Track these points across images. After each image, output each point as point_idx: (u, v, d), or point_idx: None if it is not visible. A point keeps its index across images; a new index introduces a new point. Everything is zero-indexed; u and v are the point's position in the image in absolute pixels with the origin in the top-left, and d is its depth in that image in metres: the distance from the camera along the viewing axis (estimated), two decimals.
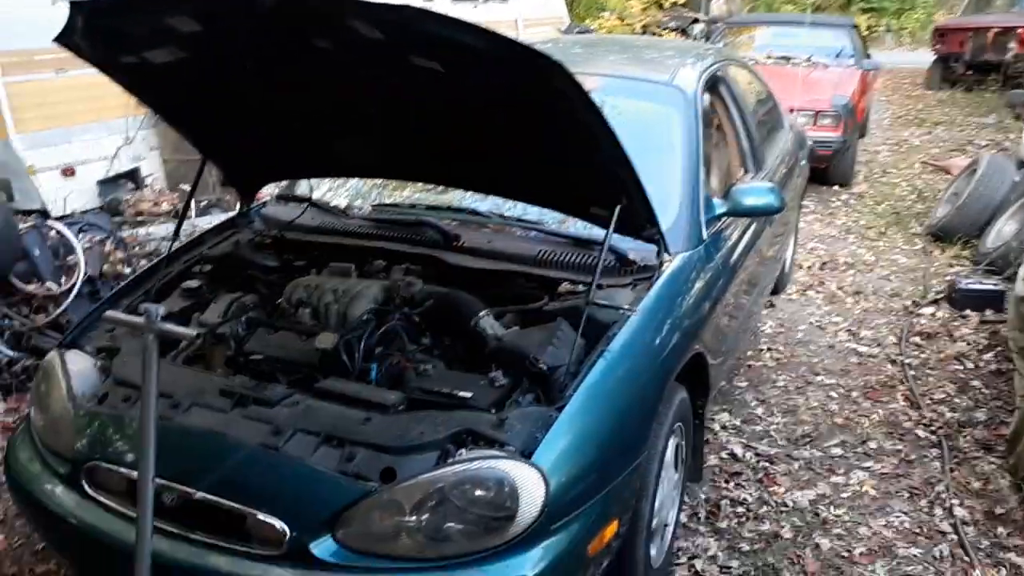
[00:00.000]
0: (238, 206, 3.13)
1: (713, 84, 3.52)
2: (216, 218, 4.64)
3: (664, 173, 2.81)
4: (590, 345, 2.18)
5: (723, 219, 2.99)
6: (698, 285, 2.69)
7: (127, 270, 4.24)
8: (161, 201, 5.34)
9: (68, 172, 5.19)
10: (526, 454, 1.87)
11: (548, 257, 2.54)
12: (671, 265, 2.54)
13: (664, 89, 3.21)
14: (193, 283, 2.69)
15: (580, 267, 2.48)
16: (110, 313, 2.08)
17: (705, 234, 2.80)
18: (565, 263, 2.51)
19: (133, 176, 5.68)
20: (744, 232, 3.26)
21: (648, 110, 3.13)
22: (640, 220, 2.36)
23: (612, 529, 2.10)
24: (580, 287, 2.38)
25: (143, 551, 1.69)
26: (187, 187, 4.01)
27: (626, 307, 2.30)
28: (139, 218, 5.16)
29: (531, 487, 1.83)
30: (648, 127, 3.02)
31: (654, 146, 2.90)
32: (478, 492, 1.84)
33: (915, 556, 2.84)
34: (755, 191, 3.04)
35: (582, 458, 1.98)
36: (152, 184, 5.75)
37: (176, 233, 2.81)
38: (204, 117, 2.61)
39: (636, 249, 2.49)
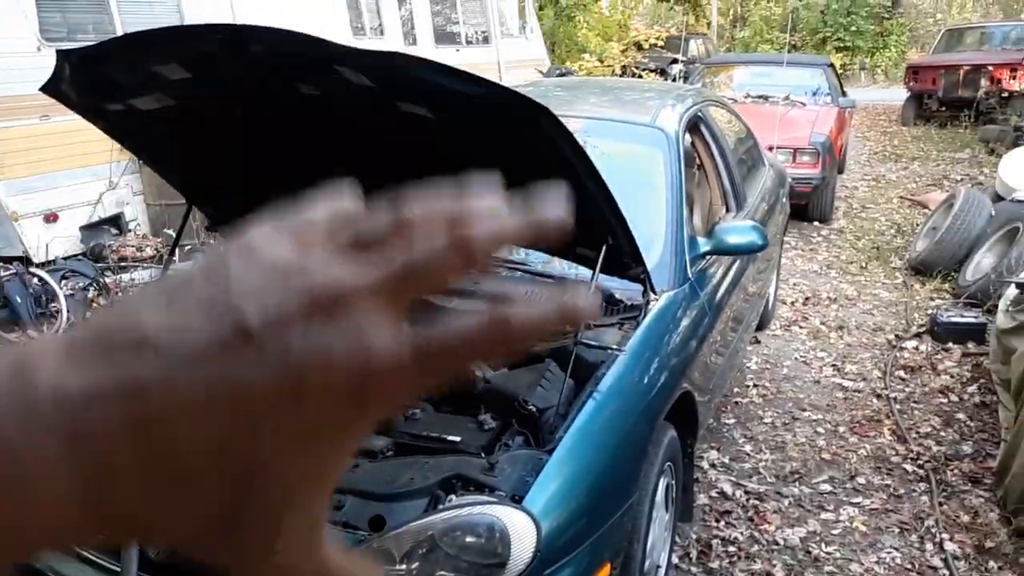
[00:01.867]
0: None
1: (694, 124, 3.57)
2: None
3: (648, 213, 2.84)
4: (578, 385, 2.18)
5: (707, 257, 3.02)
6: (684, 323, 2.70)
7: None
8: (145, 246, 5.33)
9: (51, 218, 5.18)
10: (517, 499, 1.86)
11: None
12: (657, 304, 2.56)
13: (646, 130, 3.25)
14: None
15: None
16: None
17: (690, 273, 2.82)
18: None
19: (117, 221, 5.67)
20: (728, 269, 3.29)
21: (631, 151, 3.17)
22: (626, 260, 2.38)
23: (605, 573, 2.08)
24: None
25: None
26: (171, 232, 4.00)
27: (614, 347, 2.31)
28: (123, 264, 5.13)
29: (522, 532, 1.82)
30: (631, 168, 3.06)
31: (638, 187, 2.94)
32: (469, 539, 1.82)
33: None
34: (738, 229, 3.08)
35: (573, 501, 1.97)
36: (136, 229, 5.73)
37: None
38: (190, 162, 2.62)
39: (622, 288, 2.51)
